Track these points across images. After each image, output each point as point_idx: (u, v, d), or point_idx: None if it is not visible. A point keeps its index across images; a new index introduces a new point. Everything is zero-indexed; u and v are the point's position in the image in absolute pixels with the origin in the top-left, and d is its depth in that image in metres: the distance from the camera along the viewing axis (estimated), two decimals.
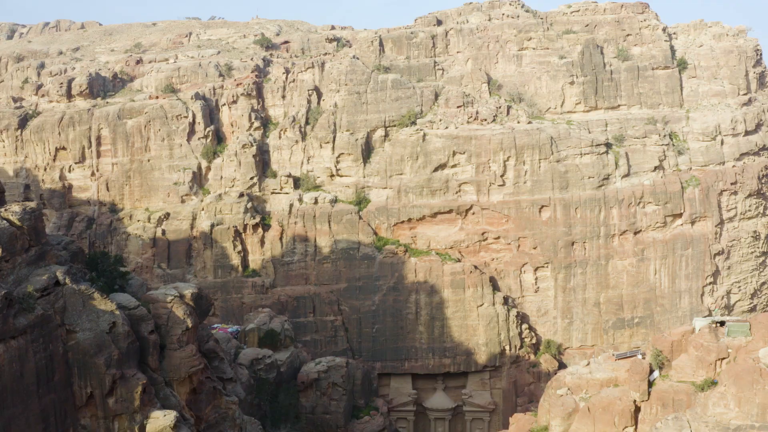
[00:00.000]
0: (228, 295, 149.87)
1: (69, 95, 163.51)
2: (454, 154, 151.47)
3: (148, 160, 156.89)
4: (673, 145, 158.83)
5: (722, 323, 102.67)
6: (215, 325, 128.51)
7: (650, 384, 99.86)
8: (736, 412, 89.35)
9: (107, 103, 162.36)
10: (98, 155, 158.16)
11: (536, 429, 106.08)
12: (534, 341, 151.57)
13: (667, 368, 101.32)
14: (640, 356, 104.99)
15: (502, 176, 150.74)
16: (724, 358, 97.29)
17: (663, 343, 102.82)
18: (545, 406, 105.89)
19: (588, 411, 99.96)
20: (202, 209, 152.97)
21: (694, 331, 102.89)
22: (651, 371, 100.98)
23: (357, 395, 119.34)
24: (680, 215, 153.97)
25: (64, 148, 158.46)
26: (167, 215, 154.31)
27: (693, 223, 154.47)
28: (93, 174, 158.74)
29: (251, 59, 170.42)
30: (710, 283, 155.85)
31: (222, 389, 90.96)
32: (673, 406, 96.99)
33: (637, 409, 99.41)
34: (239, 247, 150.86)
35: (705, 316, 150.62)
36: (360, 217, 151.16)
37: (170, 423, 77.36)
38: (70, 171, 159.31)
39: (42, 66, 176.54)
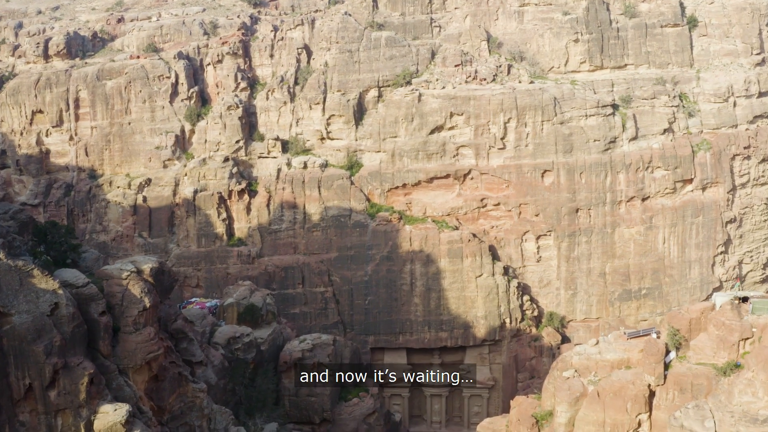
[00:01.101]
0: (212, 265, 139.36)
1: (46, 56, 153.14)
2: (451, 115, 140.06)
3: (129, 123, 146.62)
4: (683, 106, 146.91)
5: (745, 299, 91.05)
6: (193, 299, 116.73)
7: (666, 366, 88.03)
8: (766, 401, 77.55)
9: (86, 63, 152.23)
10: (76, 118, 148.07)
11: (540, 414, 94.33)
12: (536, 313, 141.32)
13: (684, 349, 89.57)
14: (654, 335, 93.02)
15: (502, 139, 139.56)
16: (748, 338, 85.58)
17: (680, 321, 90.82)
18: (550, 390, 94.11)
19: (597, 396, 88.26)
20: (185, 174, 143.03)
21: (714, 308, 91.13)
22: (667, 352, 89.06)
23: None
24: (690, 181, 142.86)
25: (40, 111, 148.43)
26: (148, 181, 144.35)
27: (704, 189, 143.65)
28: (71, 138, 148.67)
29: (238, 17, 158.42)
30: (721, 253, 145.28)
31: (189, 375, 79.09)
32: (692, 391, 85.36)
33: (652, 394, 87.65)
34: (224, 215, 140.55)
35: (716, 288, 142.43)
36: (352, 183, 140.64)
37: (121, 418, 65.65)
38: (47, 135, 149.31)
39: (20, 26, 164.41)
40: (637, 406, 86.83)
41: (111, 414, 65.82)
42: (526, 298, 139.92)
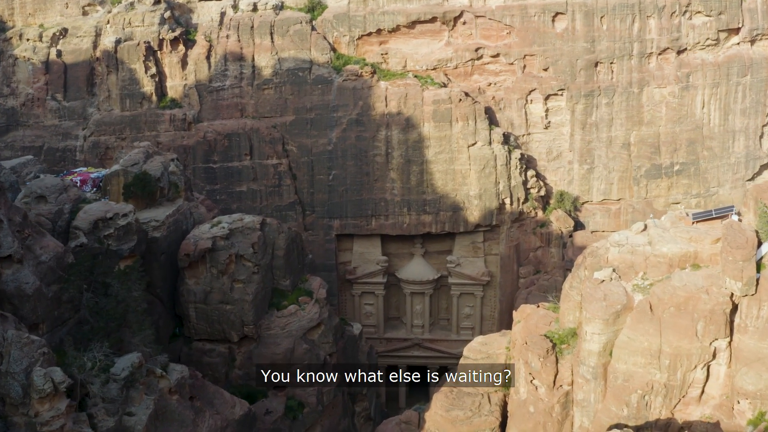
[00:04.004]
0: (139, 132, 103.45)
1: None
2: None
3: None
4: None
5: None
6: (76, 170, 79.74)
7: (757, 266, 51.26)
8: None
9: None
10: None
11: (558, 334, 58.18)
12: (542, 193, 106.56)
13: None
14: (735, 217, 55.88)
15: None
16: None
17: None
18: (573, 298, 57.73)
19: (650, 310, 52.23)
20: (107, 22, 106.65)
21: None
22: (758, 244, 52.14)
23: (279, 274, 70.57)
24: (737, 31, 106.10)
25: None
26: (64, 32, 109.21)
27: (753, 41, 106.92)
28: None
29: None
30: None
31: None
32: None
33: (734, 310, 51.22)
34: (153, 70, 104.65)
35: (764, 165, 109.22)
36: (313, 28, 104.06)
37: None
38: None
39: None
40: (712, 328, 50.81)
41: None
42: (530, 173, 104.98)
